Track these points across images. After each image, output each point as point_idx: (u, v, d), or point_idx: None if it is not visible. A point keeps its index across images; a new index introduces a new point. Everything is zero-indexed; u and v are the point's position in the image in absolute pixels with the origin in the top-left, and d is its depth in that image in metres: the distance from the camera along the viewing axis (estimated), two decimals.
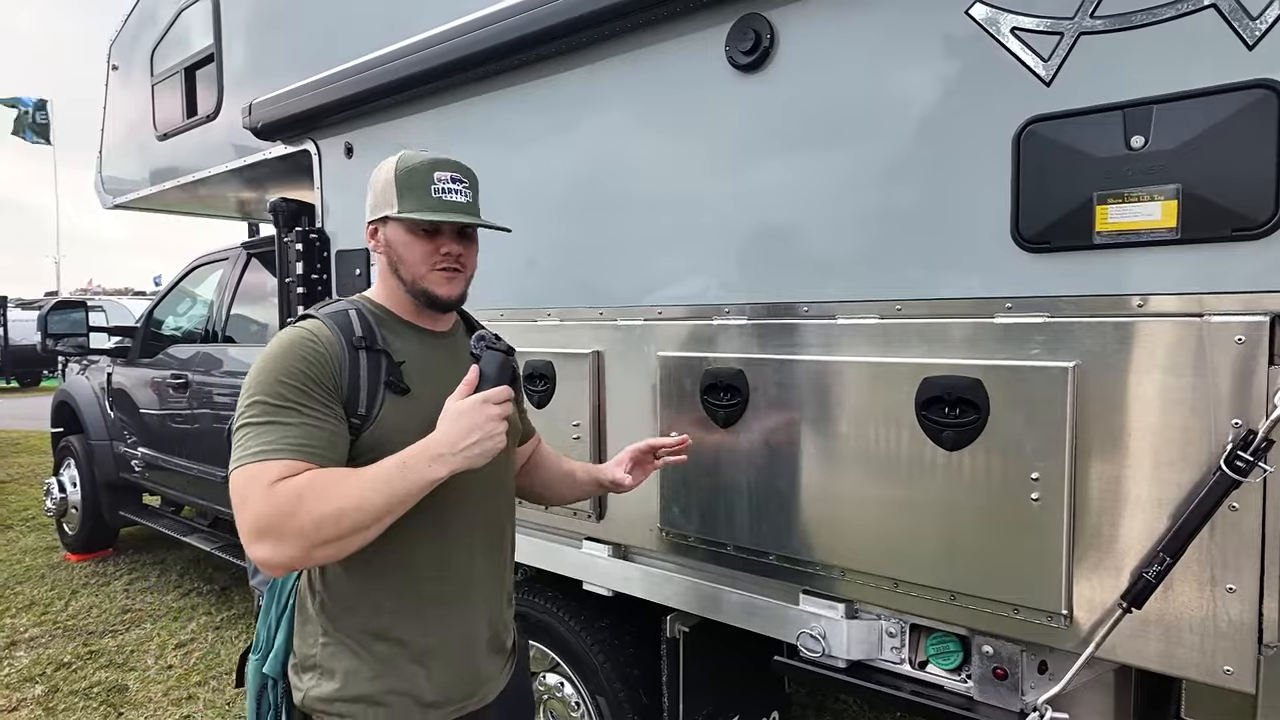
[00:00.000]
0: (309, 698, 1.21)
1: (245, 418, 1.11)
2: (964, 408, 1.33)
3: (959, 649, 1.46)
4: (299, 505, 1.04)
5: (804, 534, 1.55)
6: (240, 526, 1.07)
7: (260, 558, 1.06)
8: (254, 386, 1.13)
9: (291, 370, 1.13)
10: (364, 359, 1.20)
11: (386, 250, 1.31)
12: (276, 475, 1.07)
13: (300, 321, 1.23)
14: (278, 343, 1.18)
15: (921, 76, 1.40)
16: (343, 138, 2.56)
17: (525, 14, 1.85)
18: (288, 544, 1.04)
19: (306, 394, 1.13)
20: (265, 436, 1.09)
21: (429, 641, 1.24)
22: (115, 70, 3.86)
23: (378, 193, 1.31)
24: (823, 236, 1.52)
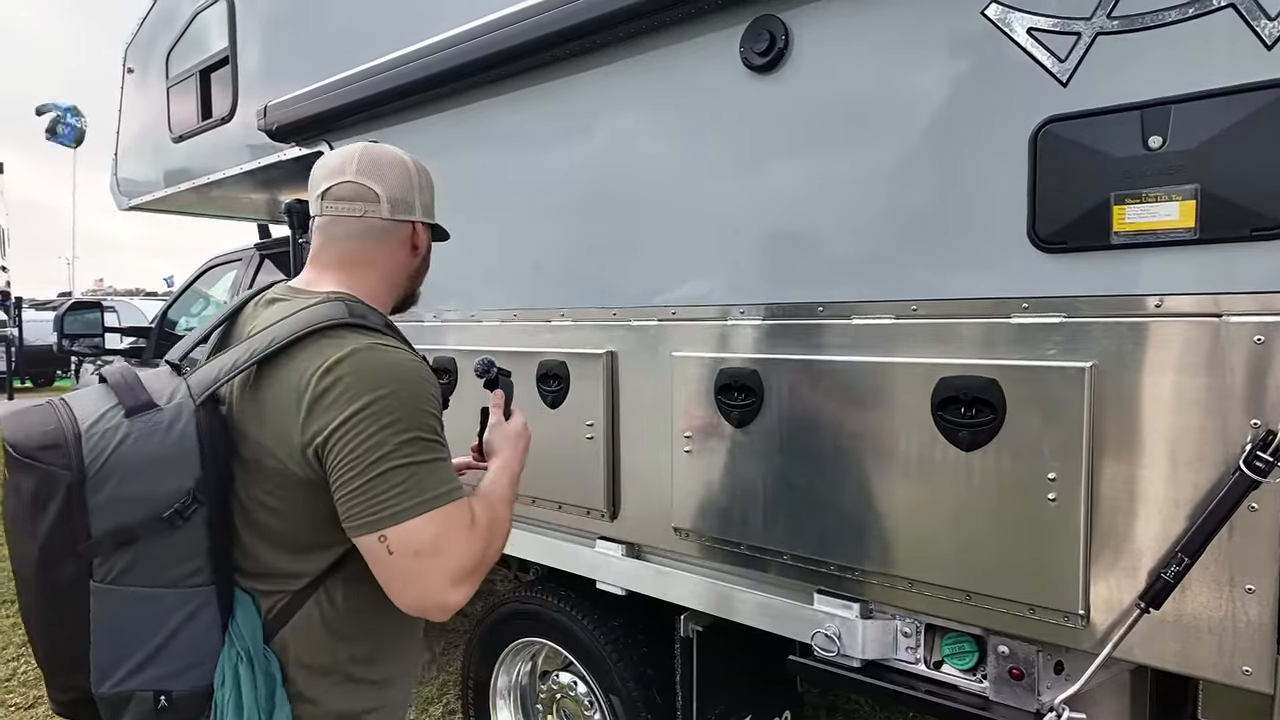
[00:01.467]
0: None
1: (408, 455, 0.98)
2: (980, 408, 1.33)
3: (974, 649, 1.46)
4: (491, 539, 1.07)
5: (819, 534, 1.55)
6: (439, 571, 0.99)
7: (455, 601, 1.01)
8: (405, 420, 0.99)
9: (432, 399, 1.05)
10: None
11: (426, 254, 1.28)
12: (469, 516, 1.04)
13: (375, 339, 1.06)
14: (398, 369, 1.03)
15: (937, 77, 1.40)
16: (358, 140, 2.57)
17: (540, 16, 1.86)
18: (479, 578, 1.05)
19: (442, 423, 1.07)
20: (441, 474, 1.01)
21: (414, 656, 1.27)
22: (131, 73, 3.90)
23: (429, 192, 1.27)
24: (837, 237, 1.52)
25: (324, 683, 1.09)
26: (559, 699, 2.32)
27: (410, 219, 1.22)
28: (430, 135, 2.36)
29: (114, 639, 1.00)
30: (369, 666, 1.13)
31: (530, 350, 2.09)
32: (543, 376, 2.05)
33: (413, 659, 1.25)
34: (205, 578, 1.02)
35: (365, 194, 1.16)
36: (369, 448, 0.97)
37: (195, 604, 1.01)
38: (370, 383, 0.99)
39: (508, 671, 2.45)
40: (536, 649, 2.40)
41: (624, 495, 1.93)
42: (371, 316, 1.11)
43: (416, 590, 1.00)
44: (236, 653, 1.02)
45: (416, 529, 0.97)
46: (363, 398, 0.98)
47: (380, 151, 1.21)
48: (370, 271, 1.19)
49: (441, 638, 3.78)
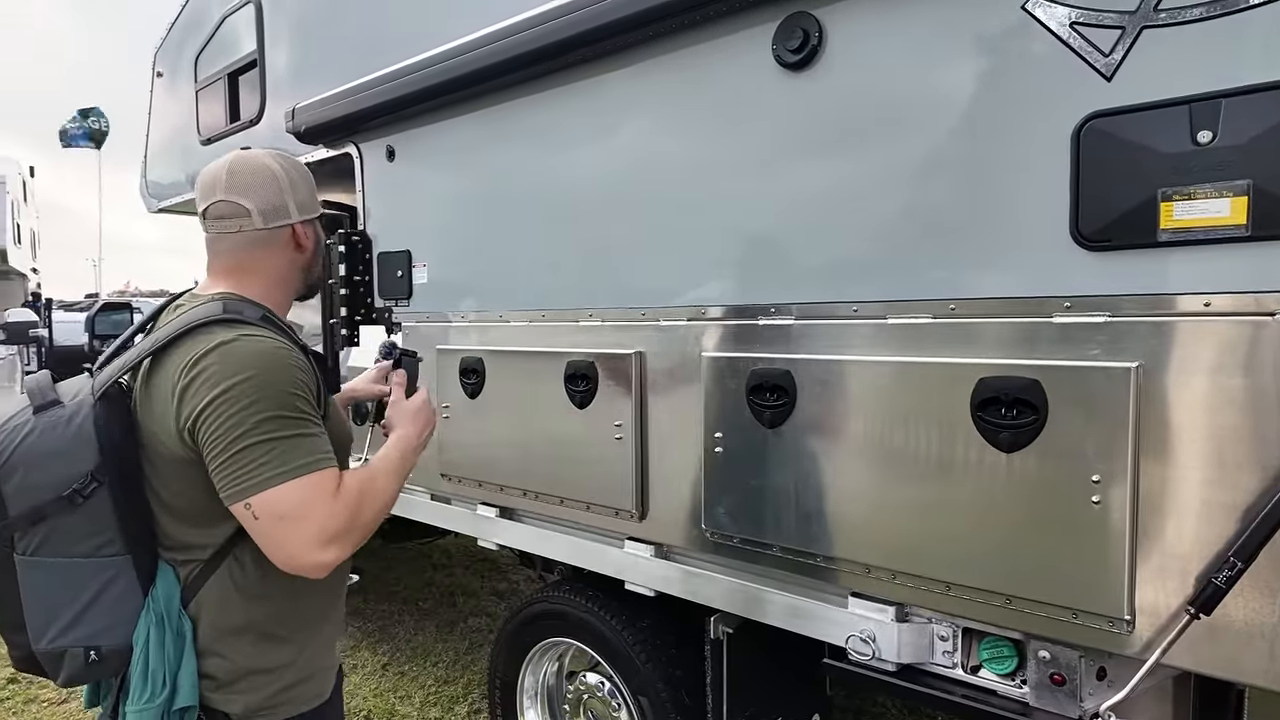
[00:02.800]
0: (252, 705, 1.22)
1: (264, 432, 1.10)
2: (1021, 409, 1.31)
3: (1013, 653, 1.44)
4: (360, 507, 1.18)
5: (853, 536, 1.53)
6: (302, 534, 1.11)
7: (327, 560, 1.13)
8: (263, 401, 1.12)
9: (297, 382, 1.17)
10: (312, 362, 1.25)
11: (314, 247, 1.38)
12: (335, 482, 1.16)
13: (243, 330, 1.18)
14: (259, 356, 1.15)
15: (975, 73, 1.38)
16: (384, 141, 2.59)
17: (568, 16, 1.86)
18: (351, 541, 1.17)
19: (311, 405, 1.18)
20: (304, 447, 1.13)
21: (332, 621, 1.37)
22: (160, 77, 3.95)
23: (308, 191, 1.35)
24: (872, 235, 1.50)
25: (237, 641, 1.22)
26: (586, 699, 2.32)
27: (286, 223, 1.31)
28: (458, 136, 2.37)
29: (42, 603, 1.15)
30: (280, 624, 1.25)
31: (558, 350, 2.09)
32: (570, 377, 2.05)
33: (328, 615, 1.35)
34: (118, 548, 1.16)
35: (238, 211, 1.27)
36: (230, 426, 1.10)
37: (112, 572, 1.16)
38: (231, 369, 1.12)
39: (534, 671, 2.46)
40: (564, 649, 2.40)
41: (653, 496, 1.92)
42: (248, 312, 1.23)
43: (286, 551, 1.12)
44: (151, 615, 1.17)
45: (278, 496, 1.10)
46: (224, 383, 1.11)
47: (247, 163, 1.30)
48: (256, 276, 1.31)
49: (466, 637, 3.80)
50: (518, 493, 2.24)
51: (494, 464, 2.30)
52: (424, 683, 3.35)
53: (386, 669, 3.49)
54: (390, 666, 3.51)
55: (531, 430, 2.18)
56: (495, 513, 2.35)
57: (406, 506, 2.67)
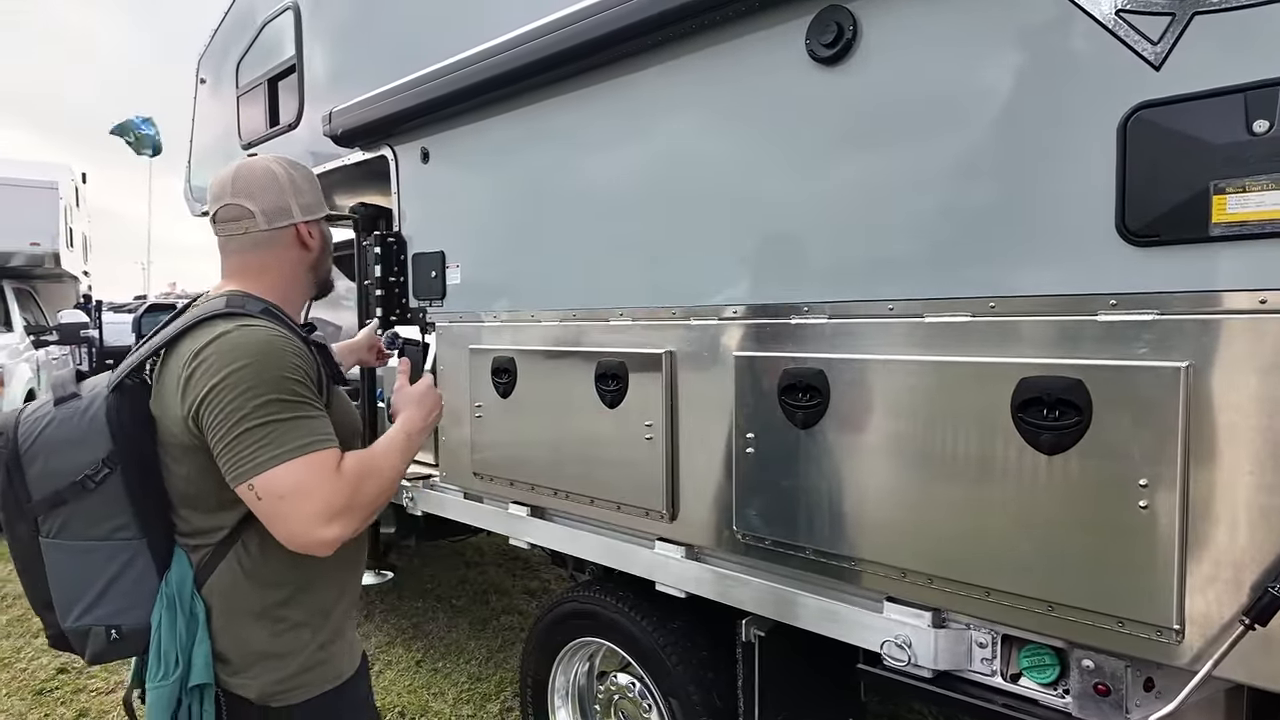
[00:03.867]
0: (267, 685, 1.26)
1: (262, 415, 1.15)
2: (1064, 410, 1.27)
3: (1055, 662, 1.40)
4: (362, 484, 1.21)
5: (888, 539, 1.50)
6: (304, 512, 1.14)
7: (330, 537, 1.16)
8: (261, 386, 1.16)
9: (293, 367, 1.21)
10: (315, 352, 1.31)
11: (321, 245, 1.44)
12: (335, 461, 1.20)
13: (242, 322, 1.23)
14: (256, 342, 1.20)
15: (1016, 64, 1.34)
16: (419, 143, 2.61)
17: (599, 16, 1.86)
18: (355, 519, 1.20)
19: (310, 389, 1.23)
20: (302, 429, 1.17)
21: (341, 613, 1.39)
22: (203, 84, 4.05)
23: (309, 194, 1.41)
24: (909, 232, 1.47)
25: (250, 625, 1.26)
26: (617, 700, 2.31)
27: (290, 223, 1.37)
28: (490, 137, 2.38)
29: (66, 584, 1.23)
30: (292, 608, 1.29)
31: (589, 350, 2.09)
32: (601, 376, 2.05)
33: (340, 599, 1.38)
34: (134, 532, 1.22)
35: (242, 213, 1.34)
36: (230, 410, 1.15)
37: (128, 555, 1.22)
38: (229, 357, 1.17)
39: (565, 671, 2.46)
40: (594, 649, 2.40)
41: (684, 496, 1.91)
42: (250, 305, 1.27)
43: (290, 528, 1.15)
44: (164, 598, 1.22)
45: (279, 476, 1.14)
46: (223, 370, 1.16)
47: (251, 168, 1.37)
48: (265, 275, 1.37)
49: (499, 635, 3.82)
50: (549, 492, 2.25)
51: (525, 463, 2.31)
52: (457, 680, 3.38)
53: (420, 665, 3.53)
54: (424, 663, 3.55)
55: (562, 430, 2.18)
56: (527, 512, 2.36)
57: (440, 504, 2.69)
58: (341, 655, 1.37)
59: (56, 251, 6.81)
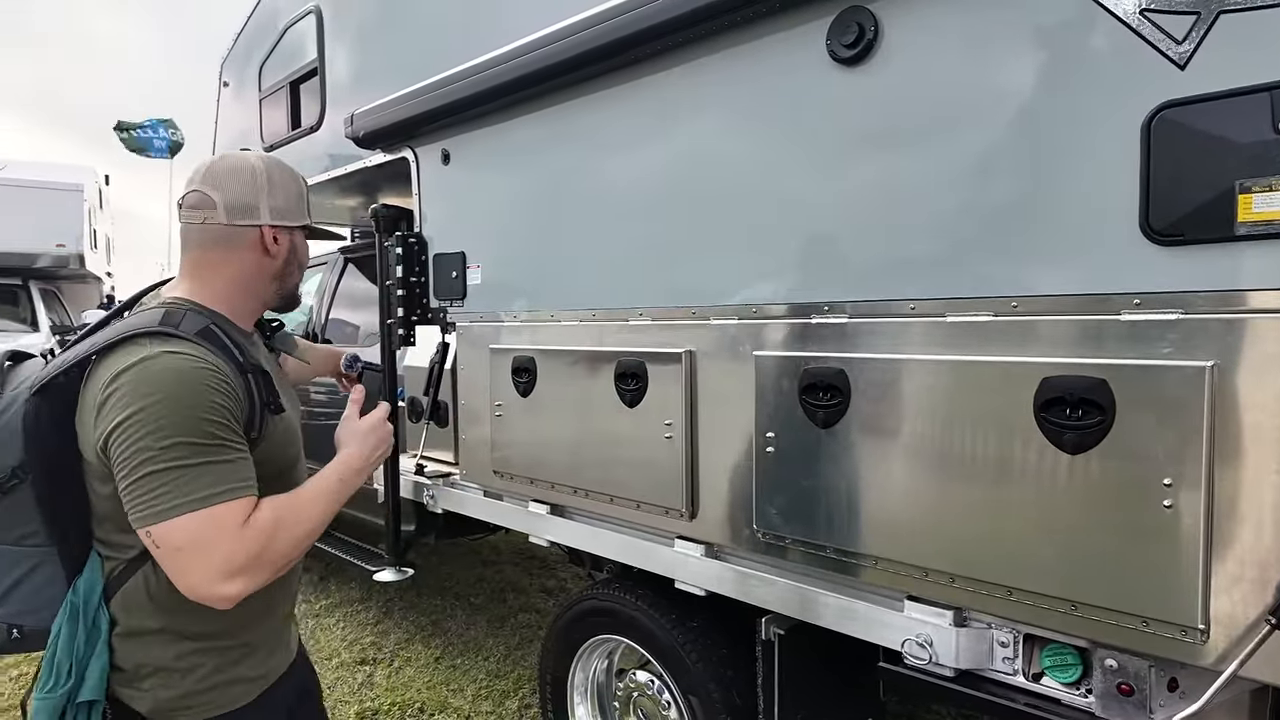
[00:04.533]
0: (162, 702, 1.19)
1: (167, 460, 1.07)
2: (1087, 409, 1.27)
3: (1078, 661, 1.40)
4: (274, 538, 1.13)
5: (909, 539, 1.51)
6: (201, 567, 1.07)
7: (231, 593, 1.09)
8: (171, 426, 1.08)
9: (212, 405, 1.12)
10: (251, 382, 1.22)
11: (288, 254, 1.34)
12: (243, 514, 1.11)
13: (170, 347, 1.14)
14: (173, 375, 1.11)
15: (1039, 64, 1.34)
16: (440, 144, 2.64)
17: (620, 18, 1.87)
18: (262, 574, 1.12)
19: (230, 429, 1.14)
20: (210, 476, 1.09)
21: (260, 630, 1.31)
22: (226, 87, 4.11)
23: (289, 198, 1.32)
24: (930, 231, 1.48)
25: (152, 639, 1.19)
26: (636, 697, 2.33)
27: (253, 223, 1.28)
28: (510, 139, 2.41)
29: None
30: (194, 629, 1.21)
31: (608, 349, 2.11)
32: (621, 375, 2.06)
33: (256, 625, 1.30)
34: (42, 540, 1.18)
35: (204, 201, 1.26)
36: (135, 451, 1.07)
37: (35, 561, 1.18)
38: (142, 390, 1.09)
39: (584, 668, 2.48)
40: (613, 646, 2.41)
41: (703, 495, 1.92)
42: (187, 323, 1.18)
43: (186, 581, 1.09)
44: (68, 607, 1.16)
45: (176, 528, 1.06)
46: (134, 405, 1.08)
47: (230, 159, 1.30)
48: (215, 277, 1.28)
49: (516, 633, 3.85)
50: (568, 490, 2.27)
51: (545, 462, 2.33)
52: (475, 676, 3.41)
53: (439, 662, 3.56)
54: (443, 660, 3.58)
55: (582, 428, 2.20)
56: (546, 510, 2.37)
57: (460, 502, 2.72)
58: (249, 679, 1.29)
59: (81, 253, 6.92)
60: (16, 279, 6.82)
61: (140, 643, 1.20)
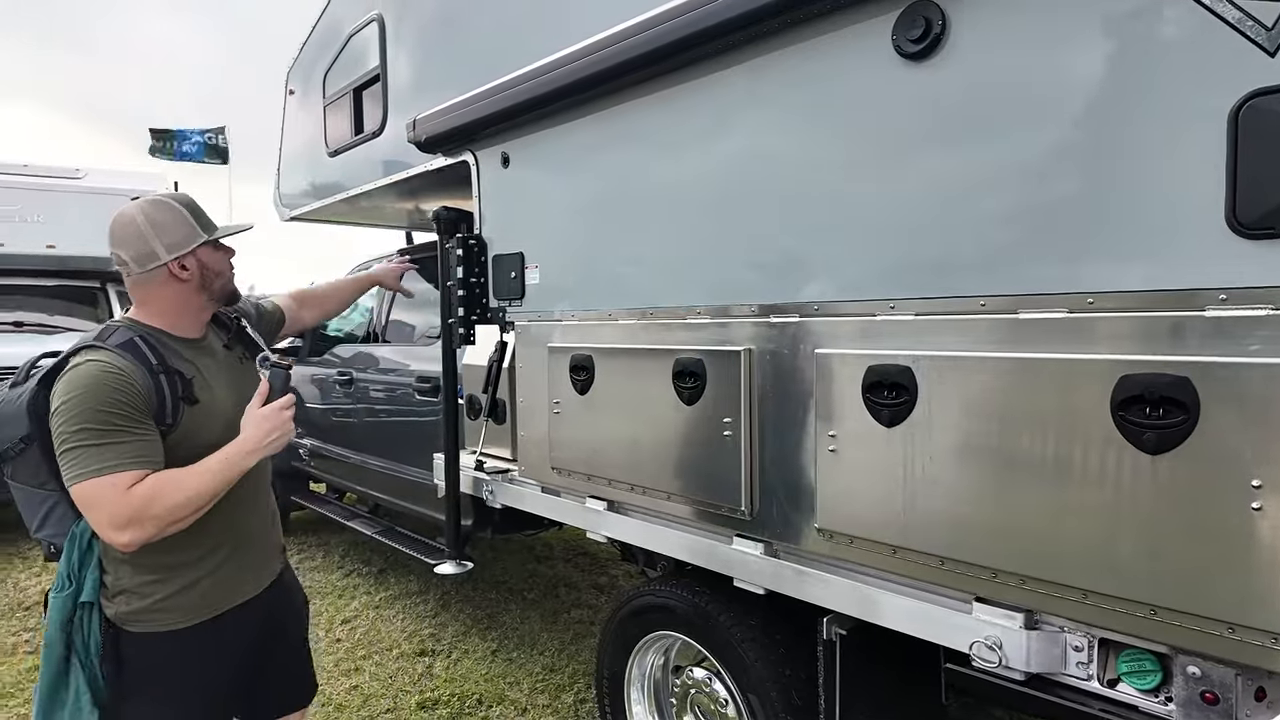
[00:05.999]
0: (121, 613, 1.60)
1: (75, 440, 1.45)
2: (1169, 408, 1.23)
3: (1156, 668, 1.36)
4: (154, 501, 1.47)
5: (978, 539, 1.48)
6: (94, 521, 1.49)
7: (122, 542, 1.47)
8: (78, 416, 1.46)
9: (110, 400, 1.47)
10: (164, 380, 1.57)
11: (200, 272, 1.67)
12: (128, 482, 1.46)
13: (92, 356, 1.52)
14: (86, 378, 1.48)
15: (1117, 54, 1.31)
16: (499, 148, 2.69)
17: (681, 18, 1.88)
18: (147, 528, 1.47)
19: (128, 418, 1.49)
20: (106, 453, 1.46)
21: (205, 570, 1.67)
22: (292, 94, 4.25)
23: (174, 232, 1.63)
24: (1001, 227, 1.45)
25: (118, 565, 1.60)
26: (694, 694, 2.34)
27: (158, 264, 1.62)
28: (569, 140, 2.44)
29: (24, 509, 1.69)
30: (145, 562, 1.59)
31: (666, 348, 2.12)
32: (679, 374, 2.07)
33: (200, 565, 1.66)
34: (54, 486, 1.59)
35: (120, 261, 1.63)
36: (58, 433, 1.48)
37: (54, 499, 1.63)
38: (64, 389, 1.49)
39: (641, 664, 2.50)
40: (670, 643, 2.43)
41: (763, 493, 1.92)
42: (117, 336, 1.58)
43: (95, 529, 1.51)
44: (72, 534, 1.61)
45: (80, 490, 1.46)
46: (59, 399, 1.49)
47: (119, 220, 1.63)
48: (149, 306, 1.67)
49: (569, 628, 3.90)
50: (626, 487, 2.29)
51: (603, 459, 2.36)
52: (531, 670, 3.47)
53: (496, 655, 3.63)
54: (499, 653, 3.65)
55: (640, 426, 2.22)
56: (604, 506, 2.40)
57: (518, 498, 2.77)
58: (197, 604, 1.66)
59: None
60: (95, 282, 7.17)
61: (115, 569, 1.61)
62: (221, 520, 1.66)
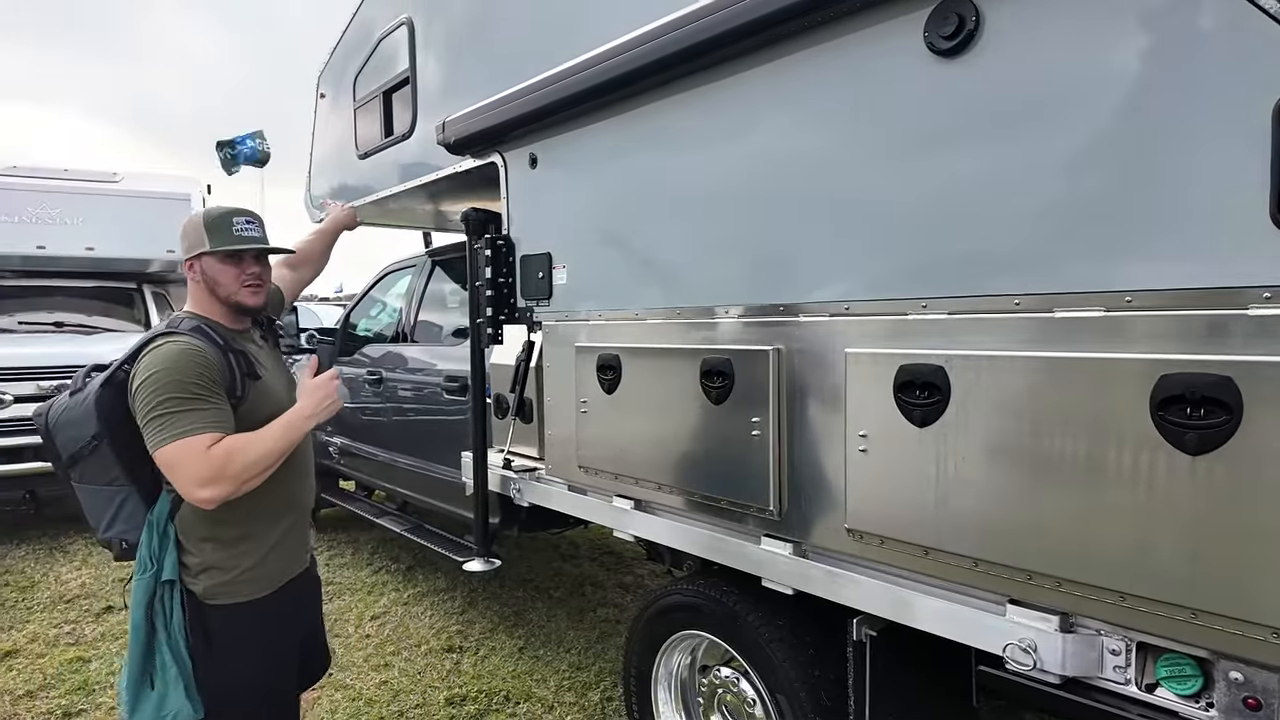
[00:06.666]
0: (207, 589, 1.76)
1: (161, 409, 1.62)
2: (1210, 408, 1.21)
3: (1197, 673, 1.33)
4: (229, 463, 1.63)
5: (1013, 541, 1.47)
6: (179, 479, 1.63)
7: (204, 497, 1.62)
8: (161, 389, 1.63)
9: (190, 373, 1.66)
10: (232, 359, 1.77)
11: (204, 278, 1.83)
12: (207, 444, 1.62)
13: (170, 338, 1.71)
14: (171, 352, 1.67)
15: (1154, 50, 1.29)
16: (527, 149, 2.72)
17: (711, 17, 1.88)
18: (225, 485, 1.63)
19: (206, 388, 1.67)
20: (188, 418, 1.62)
21: (273, 540, 1.85)
22: (323, 98, 4.32)
23: (190, 237, 1.83)
24: (1035, 225, 1.43)
25: (199, 544, 1.76)
26: (721, 694, 2.34)
27: (187, 259, 1.85)
28: (596, 141, 2.45)
29: (91, 512, 1.81)
30: (224, 538, 1.77)
31: (694, 347, 2.12)
32: (707, 373, 2.07)
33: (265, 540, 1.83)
34: (124, 481, 1.76)
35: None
36: (142, 405, 1.65)
37: (124, 495, 1.77)
38: (147, 366, 1.66)
39: (668, 663, 2.50)
40: (697, 642, 2.43)
41: (792, 493, 1.92)
42: (184, 323, 1.78)
43: (178, 488, 1.66)
44: (149, 523, 1.76)
45: (164, 454, 1.62)
46: (143, 375, 1.66)
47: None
48: (191, 301, 1.87)
49: (596, 627, 3.92)
50: (653, 486, 2.30)
51: (630, 458, 2.37)
52: (558, 668, 3.49)
53: (523, 652, 3.66)
54: (526, 650, 3.68)
55: (667, 425, 2.22)
56: (631, 505, 2.41)
57: (546, 496, 2.79)
58: (272, 574, 1.85)
59: None
60: (132, 283, 7.33)
61: (198, 548, 1.76)
62: (284, 491, 1.85)
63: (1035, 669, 1.45)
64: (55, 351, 5.70)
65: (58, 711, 3.14)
